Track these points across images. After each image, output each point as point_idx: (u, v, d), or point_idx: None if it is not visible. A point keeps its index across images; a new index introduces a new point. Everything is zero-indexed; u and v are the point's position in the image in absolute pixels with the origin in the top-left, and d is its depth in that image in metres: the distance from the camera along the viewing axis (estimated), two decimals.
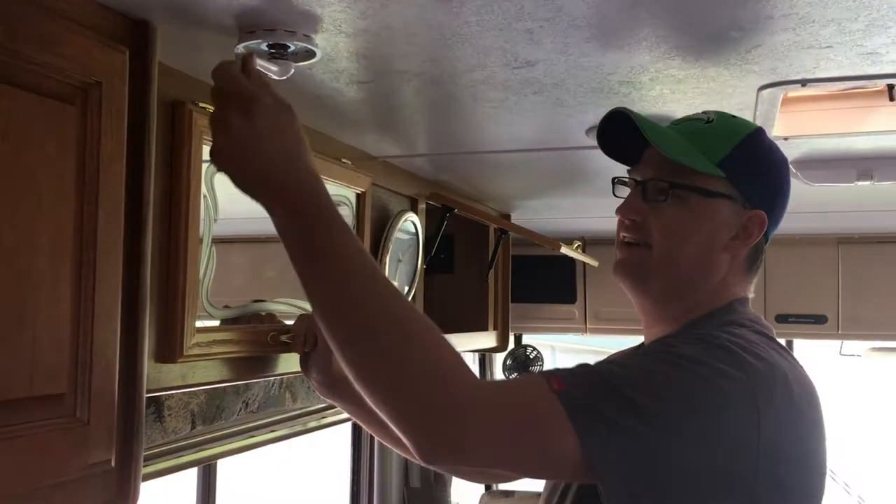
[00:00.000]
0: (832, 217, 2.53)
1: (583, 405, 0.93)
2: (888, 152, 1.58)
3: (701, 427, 0.95)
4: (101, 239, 0.88)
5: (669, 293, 1.13)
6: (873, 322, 2.79)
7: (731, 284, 1.13)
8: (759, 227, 1.11)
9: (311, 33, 1.00)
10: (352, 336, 0.96)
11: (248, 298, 1.38)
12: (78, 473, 0.86)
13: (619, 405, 0.93)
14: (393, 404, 0.95)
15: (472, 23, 0.96)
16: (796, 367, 1.05)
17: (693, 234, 1.10)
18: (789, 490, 0.99)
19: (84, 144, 0.86)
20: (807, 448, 1.02)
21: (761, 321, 1.12)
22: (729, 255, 1.12)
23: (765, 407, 0.96)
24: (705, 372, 0.96)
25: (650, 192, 1.11)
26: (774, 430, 0.96)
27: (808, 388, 1.04)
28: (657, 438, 0.93)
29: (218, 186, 1.22)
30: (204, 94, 1.17)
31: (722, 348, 0.99)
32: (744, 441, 0.95)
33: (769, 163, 1.15)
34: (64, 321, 0.84)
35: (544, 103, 1.31)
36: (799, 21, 0.94)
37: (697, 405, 0.95)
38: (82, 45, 0.86)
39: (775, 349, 1.04)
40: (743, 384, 0.96)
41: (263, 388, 1.76)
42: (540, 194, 2.28)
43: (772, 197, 1.14)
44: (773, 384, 0.98)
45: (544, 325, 3.20)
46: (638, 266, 1.14)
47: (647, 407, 0.93)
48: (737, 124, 1.14)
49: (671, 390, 0.95)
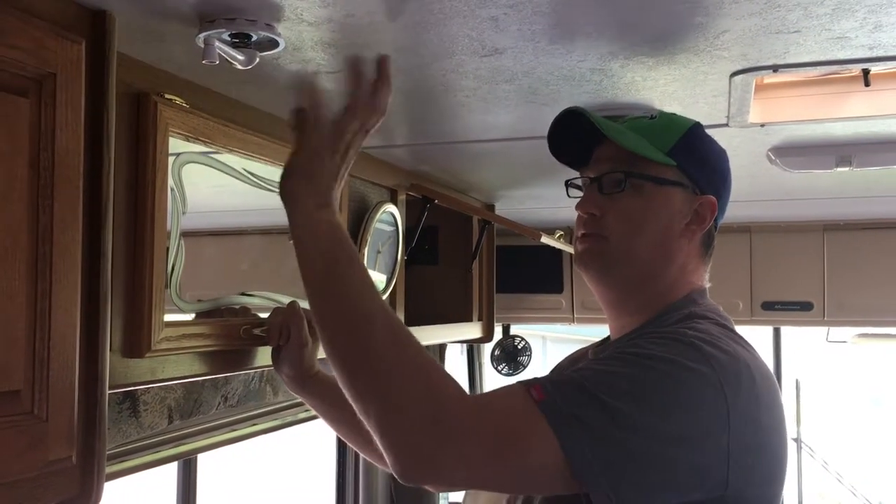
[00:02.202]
0: (817, 204, 2.52)
1: (564, 414, 0.95)
2: (866, 138, 1.58)
3: (677, 425, 0.97)
4: (58, 233, 0.87)
5: (631, 281, 1.16)
6: (859, 309, 2.79)
7: (688, 273, 1.17)
8: (710, 211, 1.16)
9: (272, 22, 0.99)
10: (355, 351, 1.02)
11: (221, 292, 1.36)
12: (36, 471, 0.85)
13: (597, 412, 0.95)
14: (378, 408, 0.98)
15: (435, 10, 0.95)
16: (756, 358, 1.07)
17: (650, 221, 1.14)
18: (758, 477, 1.01)
19: (38, 138, 0.85)
20: (770, 435, 1.04)
21: (721, 312, 1.15)
22: (685, 241, 1.16)
23: (733, 399, 0.99)
24: (674, 370, 0.98)
25: (606, 184, 1.16)
26: (742, 420, 0.99)
27: (767, 377, 1.07)
28: (637, 442, 0.95)
29: (186, 179, 1.21)
30: (168, 86, 1.16)
31: (688, 345, 1.01)
32: (716, 434, 0.97)
33: (712, 152, 1.21)
34: (18, 317, 0.82)
35: (517, 92, 1.30)
36: (765, 5, 0.93)
37: (671, 404, 0.97)
38: (35, 36, 0.84)
39: (736, 341, 1.07)
40: (710, 379, 0.98)
41: (243, 382, 1.75)
42: (522, 184, 2.28)
43: (719, 182, 1.19)
44: (739, 376, 1.01)
45: (532, 315, 3.19)
46: (598, 257, 1.17)
47: (622, 411, 0.95)
48: (678, 119, 1.21)
49: (645, 392, 0.97)
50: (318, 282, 1.06)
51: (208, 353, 1.24)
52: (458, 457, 0.95)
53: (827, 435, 6.55)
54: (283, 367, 1.35)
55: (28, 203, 0.83)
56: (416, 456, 0.96)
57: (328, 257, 1.07)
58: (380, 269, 1.84)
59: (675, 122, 1.20)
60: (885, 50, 1.08)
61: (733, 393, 0.99)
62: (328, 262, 1.06)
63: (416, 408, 0.96)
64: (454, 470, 0.96)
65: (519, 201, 2.54)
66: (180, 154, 1.18)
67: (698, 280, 1.18)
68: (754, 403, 1.01)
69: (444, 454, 0.95)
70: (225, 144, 1.27)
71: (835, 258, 2.79)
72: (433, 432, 0.94)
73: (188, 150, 1.20)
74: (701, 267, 1.19)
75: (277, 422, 1.92)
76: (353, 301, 1.04)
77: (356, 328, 1.02)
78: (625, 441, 0.94)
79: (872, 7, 0.94)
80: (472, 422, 0.96)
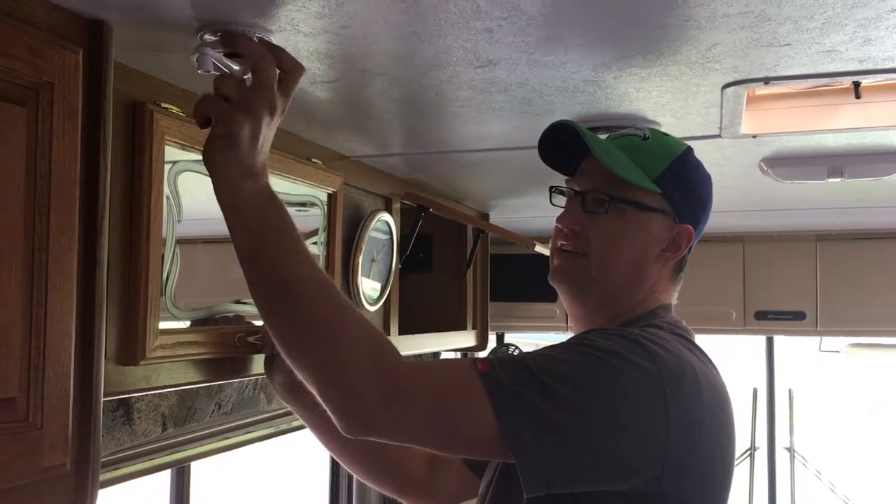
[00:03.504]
0: (810, 214, 2.54)
1: (503, 389, 0.99)
2: (857, 149, 1.59)
3: (613, 414, 1.00)
4: (54, 241, 0.87)
5: (603, 301, 1.20)
6: (852, 318, 2.80)
7: (657, 293, 1.21)
8: (686, 240, 1.20)
9: (268, 33, 1.00)
10: (287, 310, 1.02)
11: (216, 300, 1.37)
12: (31, 478, 0.85)
13: (537, 392, 0.99)
14: (322, 374, 1.01)
15: (430, 22, 0.96)
16: (707, 366, 1.11)
17: (629, 245, 1.18)
18: (693, 475, 1.04)
19: (35, 145, 0.85)
20: (713, 438, 1.07)
21: (681, 325, 1.19)
22: (658, 265, 1.19)
23: (672, 395, 1.02)
24: (617, 362, 1.02)
25: (590, 203, 1.18)
26: (681, 418, 1.02)
27: (716, 385, 1.10)
28: (571, 424, 0.99)
29: (182, 187, 1.21)
30: (165, 95, 1.17)
31: (632, 341, 1.05)
32: (653, 427, 1.01)
33: (697, 180, 1.23)
34: (14, 324, 0.83)
35: (511, 102, 1.31)
36: (756, 19, 0.95)
37: (610, 393, 1.01)
38: (32, 46, 0.85)
39: (688, 347, 1.11)
40: (651, 374, 1.02)
41: (237, 390, 1.75)
42: (517, 193, 2.29)
43: (699, 212, 1.22)
44: (681, 375, 1.04)
45: (525, 323, 3.20)
46: (575, 274, 1.20)
47: (562, 395, 0.99)
48: (670, 143, 1.23)
49: (586, 379, 1.01)
50: (246, 251, 1.03)
51: (203, 360, 1.25)
52: (398, 417, 0.99)
53: (820, 444, 6.56)
54: (276, 375, 1.35)
55: (24, 211, 0.84)
56: (359, 416, 0.99)
57: (256, 227, 1.02)
58: (374, 278, 1.85)
59: (666, 146, 1.21)
60: (875, 63, 1.09)
61: (673, 390, 1.02)
62: (256, 232, 1.02)
63: (357, 371, 0.99)
64: (394, 428, 1.00)
65: (513, 210, 2.55)
66: (176, 162, 1.19)
67: (665, 298, 1.22)
68: (696, 405, 1.04)
69: (385, 414, 0.99)
70: None
71: (827, 268, 2.81)
72: (375, 395, 0.98)
73: (184, 158, 1.21)
74: (670, 287, 1.23)
75: (271, 430, 1.92)
76: (285, 268, 1.02)
77: (290, 295, 1.01)
78: (557, 420, 0.98)
79: (862, 21, 0.95)
80: (413, 384, 1.00)
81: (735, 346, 6.18)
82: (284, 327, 1.03)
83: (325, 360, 1.00)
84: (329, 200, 1.61)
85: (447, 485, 1.45)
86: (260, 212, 1.03)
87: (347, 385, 0.99)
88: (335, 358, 0.99)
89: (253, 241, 1.03)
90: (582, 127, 1.17)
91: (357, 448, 1.39)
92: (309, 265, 1.04)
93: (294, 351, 1.02)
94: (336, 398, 1.00)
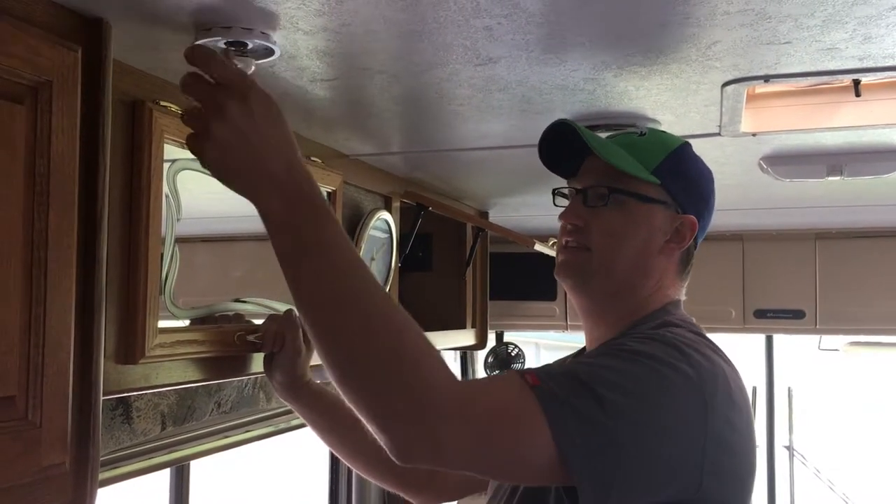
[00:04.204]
0: (809, 212, 2.54)
1: (557, 400, 0.96)
2: (857, 147, 1.59)
3: (661, 420, 0.99)
4: (53, 239, 0.87)
5: (609, 293, 1.19)
6: (851, 317, 2.80)
7: (665, 287, 1.20)
8: (690, 230, 1.19)
9: (268, 31, 0.99)
10: (342, 331, 0.95)
11: (215, 298, 1.37)
12: (30, 477, 0.85)
13: (589, 401, 0.97)
14: (373, 399, 0.95)
15: (430, 20, 0.96)
16: (730, 365, 1.11)
17: (631, 236, 1.17)
18: (728, 477, 1.04)
19: (34, 144, 0.85)
20: (742, 439, 1.07)
21: (693, 323, 1.18)
22: (664, 257, 1.19)
23: (711, 400, 1.02)
24: (660, 367, 1.01)
25: (591, 197, 1.19)
26: (718, 422, 1.02)
27: (740, 384, 1.10)
28: (623, 432, 0.97)
29: (181, 185, 1.21)
30: (164, 93, 1.16)
31: (669, 345, 1.05)
32: (694, 432, 1.00)
33: (697, 173, 1.24)
34: (13, 322, 0.82)
35: (511, 101, 1.30)
36: (756, 17, 0.94)
37: (657, 399, 1.00)
38: (31, 44, 0.84)
39: (711, 348, 1.11)
40: (692, 379, 1.02)
41: (236, 389, 1.75)
42: (516, 192, 2.28)
43: (701, 204, 1.22)
44: (716, 379, 1.04)
45: (525, 322, 3.20)
46: (579, 267, 1.20)
47: (614, 402, 0.97)
48: (667, 138, 1.25)
49: (635, 386, 1.00)
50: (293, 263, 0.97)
51: (202, 359, 1.24)
52: (450, 439, 0.94)
53: (819, 443, 6.56)
54: (275, 374, 1.35)
55: (23, 209, 0.84)
56: (408, 440, 0.94)
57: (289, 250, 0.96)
58: None
59: (663, 140, 1.23)
60: (875, 61, 1.09)
61: (711, 394, 1.02)
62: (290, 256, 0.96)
63: (403, 393, 0.93)
64: (456, 445, 0.95)
65: (513, 209, 2.55)
66: (175, 161, 1.19)
67: (674, 294, 1.21)
68: (729, 406, 1.04)
69: (436, 437, 0.94)
70: None
71: (827, 266, 2.81)
72: (422, 417, 0.93)
73: (183, 156, 1.20)
74: (678, 282, 1.22)
75: (271, 428, 1.92)
76: (338, 281, 0.96)
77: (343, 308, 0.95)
78: (613, 430, 0.96)
79: (862, 19, 0.95)
80: (462, 404, 0.95)
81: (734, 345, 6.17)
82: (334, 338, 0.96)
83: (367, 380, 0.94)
84: (328, 199, 1.61)
85: (451, 477, 1.44)
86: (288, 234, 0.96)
87: (390, 406, 0.94)
88: (376, 377, 0.94)
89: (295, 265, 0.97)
90: (580, 126, 1.17)
91: (357, 444, 1.39)
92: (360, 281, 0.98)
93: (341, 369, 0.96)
94: (380, 420, 0.94)
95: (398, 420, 0.94)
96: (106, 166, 0.96)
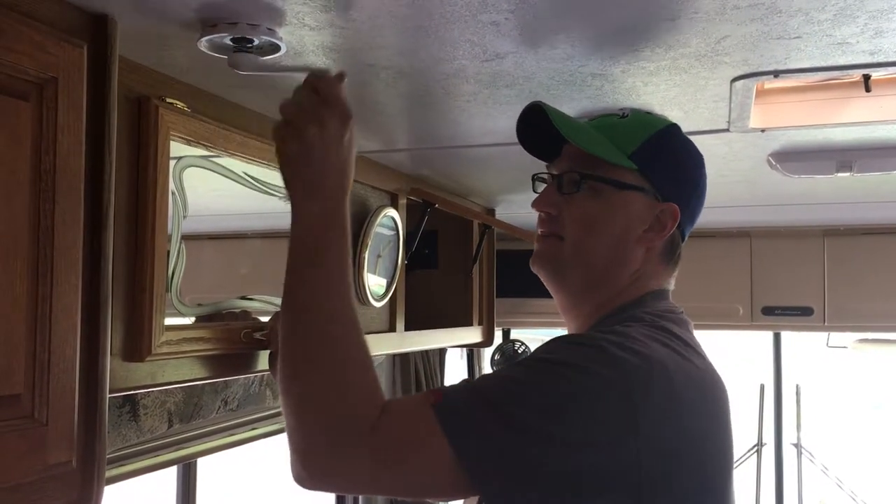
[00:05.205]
0: (817, 209, 2.52)
1: (457, 417, 0.95)
2: (867, 143, 1.58)
3: (573, 431, 0.93)
4: (59, 236, 0.87)
5: (585, 285, 1.13)
6: (859, 314, 2.78)
7: (645, 278, 1.13)
8: (671, 219, 1.12)
9: (274, 27, 0.99)
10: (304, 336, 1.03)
11: (222, 295, 1.36)
12: (36, 475, 0.85)
13: (492, 417, 0.94)
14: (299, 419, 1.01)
15: (436, 15, 0.95)
16: (687, 360, 1.02)
17: (606, 224, 1.11)
18: (681, 485, 0.96)
19: (40, 140, 0.85)
20: (695, 440, 0.98)
21: (673, 313, 1.10)
22: (643, 247, 1.12)
23: (641, 401, 0.94)
24: (574, 375, 0.96)
25: (564, 184, 1.13)
26: (655, 423, 0.94)
27: (697, 380, 1.01)
28: (530, 447, 0.93)
29: (187, 182, 1.21)
30: (170, 90, 1.16)
31: (594, 348, 0.98)
32: (620, 438, 0.93)
33: (682, 157, 1.16)
34: (19, 320, 0.82)
35: (518, 96, 1.30)
36: (766, 11, 0.93)
37: (567, 410, 0.94)
38: (37, 40, 0.84)
39: (663, 341, 1.02)
40: (613, 381, 0.94)
41: (243, 386, 1.75)
42: (523, 189, 2.26)
43: (686, 191, 1.15)
44: (650, 378, 0.95)
45: (532, 319, 3.19)
46: (552, 257, 1.14)
47: (519, 417, 0.94)
48: (650, 119, 1.18)
49: (541, 399, 0.95)
50: (289, 268, 1.06)
51: (208, 356, 1.24)
52: (355, 461, 0.97)
53: (827, 440, 6.55)
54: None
55: (29, 206, 0.83)
56: (315, 460, 1.00)
57: (299, 248, 1.05)
58: (380, 274, 1.84)
59: (645, 122, 1.16)
60: (886, 56, 1.08)
61: (642, 396, 0.94)
62: (296, 253, 1.05)
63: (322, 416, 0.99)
64: (351, 474, 0.99)
65: (519, 206, 2.54)
66: (181, 158, 1.18)
67: (656, 284, 1.14)
68: (672, 409, 0.96)
69: (339, 460, 0.97)
70: (225, 148, 1.27)
71: (835, 263, 2.79)
72: (332, 440, 0.97)
73: (189, 153, 1.20)
74: (662, 272, 1.14)
75: (277, 426, 1.92)
76: (302, 297, 1.04)
77: (295, 325, 1.03)
78: (516, 443, 0.93)
79: (873, 13, 0.94)
80: (371, 434, 0.97)
81: (741, 342, 6.16)
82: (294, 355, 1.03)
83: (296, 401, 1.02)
84: None
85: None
86: (310, 236, 1.05)
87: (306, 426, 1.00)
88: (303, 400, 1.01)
89: (294, 263, 1.05)
90: (551, 108, 1.12)
91: None
92: (339, 302, 1.04)
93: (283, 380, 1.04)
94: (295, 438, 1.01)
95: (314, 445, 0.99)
96: (112, 163, 0.96)
